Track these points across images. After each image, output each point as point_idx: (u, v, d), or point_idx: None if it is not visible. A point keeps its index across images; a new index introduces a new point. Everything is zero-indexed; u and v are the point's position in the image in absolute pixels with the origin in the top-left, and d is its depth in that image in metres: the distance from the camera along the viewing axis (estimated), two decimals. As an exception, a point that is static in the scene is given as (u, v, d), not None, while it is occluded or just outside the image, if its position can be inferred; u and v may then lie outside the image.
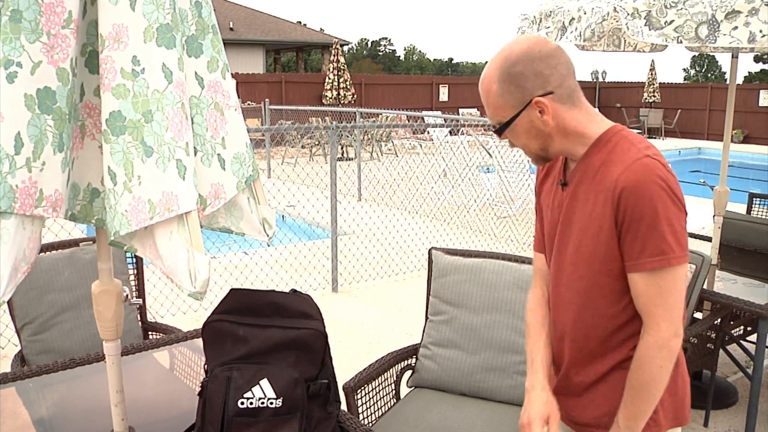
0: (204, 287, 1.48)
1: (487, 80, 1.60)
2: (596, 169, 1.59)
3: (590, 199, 1.60)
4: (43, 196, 1.45)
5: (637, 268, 1.53)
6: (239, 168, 1.72)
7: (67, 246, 3.14)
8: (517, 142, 1.64)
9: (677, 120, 23.88)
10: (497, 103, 1.59)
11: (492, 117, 1.62)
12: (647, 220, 1.50)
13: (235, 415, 1.58)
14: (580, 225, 1.62)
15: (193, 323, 5.31)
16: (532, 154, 1.66)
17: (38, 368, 2.33)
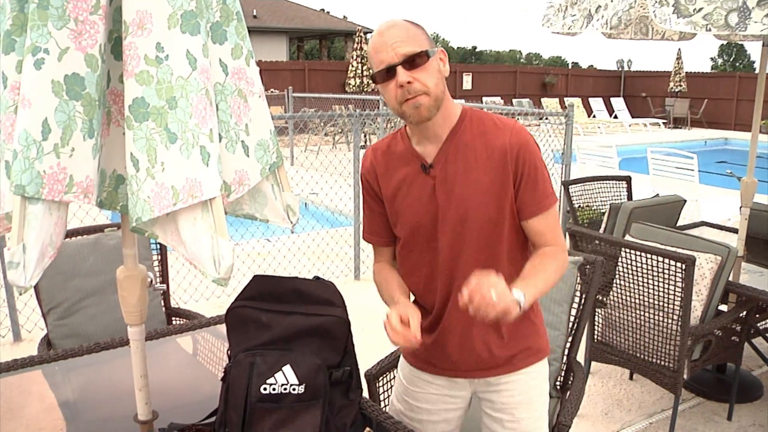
0: (228, 273, 1.48)
1: (401, 23, 1.74)
2: (473, 143, 1.79)
3: (479, 169, 1.78)
4: (74, 182, 1.46)
5: (541, 209, 1.80)
6: (263, 155, 1.72)
7: (92, 232, 3.17)
8: (428, 79, 1.71)
9: (704, 110, 23.57)
10: (420, 36, 1.73)
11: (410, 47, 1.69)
12: (539, 171, 1.79)
13: (258, 400, 1.58)
14: (475, 194, 1.78)
15: (216, 309, 5.35)
16: (431, 95, 1.72)
17: (64, 352, 2.36)
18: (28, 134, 1.39)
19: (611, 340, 3.56)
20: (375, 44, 1.74)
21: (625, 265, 3.35)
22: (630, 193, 5.40)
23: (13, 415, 2.02)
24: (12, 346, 4.77)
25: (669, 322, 3.20)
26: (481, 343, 1.91)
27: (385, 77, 1.73)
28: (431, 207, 1.83)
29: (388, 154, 1.92)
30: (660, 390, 3.98)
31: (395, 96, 1.74)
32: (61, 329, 2.99)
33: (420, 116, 1.74)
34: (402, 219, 1.90)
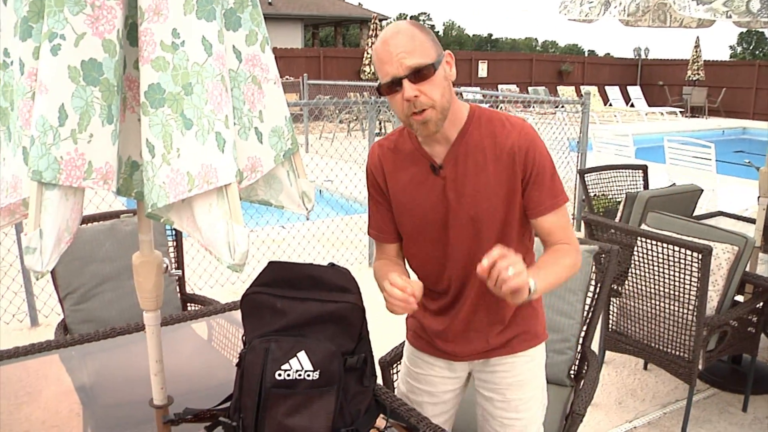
0: (243, 259, 1.48)
1: (406, 27, 1.70)
2: (482, 144, 1.79)
3: (488, 169, 1.79)
4: (93, 168, 1.46)
5: (550, 208, 1.81)
6: (277, 141, 1.72)
7: (108, 218, 3.19)
8: (433, 91, 1.69)
9: (722, 99, 23.33)
10: (426, 45, 1.69)
11: (416, 59, 1.67)
12: (548, 170, 1.80)
13: (273, 386, 1.59)
14: (485, 195, 1.80)
15: (230, 295, 5.37)
16: (438, 108, 1.71)
17: (80, 337, 2.38)
18: (45, 120, 1.39)
19: (626, 330, 3.55)
20: (380, 54, 1.71)
21: (640, 254, 3.33)
22: (646, 182, 5.36)
23: (31, 399, 2.04)
24: (29, 330, 4.82)
25: (684, 312, 3.18)
26: (485, 328, 1.99)
27: (391, 89, 1.72)
28: (441, 206, 1.86)
29: (395, 152, 1.92)
30: (674, 380, 3.97)
31: (402, 108, 1.73)
32: (77, 314, 3.01)
33: (428, 131, 1.75)
34: (409, 217, 1.92)
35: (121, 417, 1.97)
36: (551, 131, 9.47)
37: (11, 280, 5.42)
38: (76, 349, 2.34)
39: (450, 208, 1.85)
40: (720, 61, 25.32)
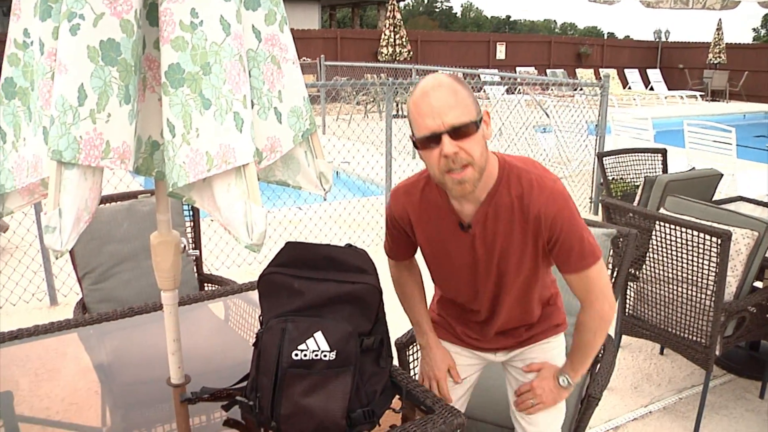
0: (261, 239, 1.49)
1: (448, 84, 1.66)
2: (510, 205, 1.78)
3: (516, 230, 1.80)
4: (110, 147, 1.47)
5: (576, 270, 1.83)
6: (296, 122, 1.71)
7: (125, 198, 3.20)
8: (474, 149, 1.66)
9: (743, 82, 23.02)
10: (467, 101, 1.66)
11: (458, 116, 1.63)
12: (574, 235, 1.78)
13: (289, 366, 1.59)
14: (513, 254, 1.84)
15: (247, 276, 5.40)
16: (477, 167, 1.68)
17: (99, 316, 2.40)
18: (65, 100, 1.40)
19: (643, 314, 3.53)
20: (420, 106, 1.66)
21: (659, 238, 3.31)
22: (665, 166, 5.31)
23: (50, 376, 2.06)
24: (49, 309, 4.87)
25: (702, 298, 3.16)
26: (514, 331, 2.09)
27: (428, 144, 1.67)
28: (469, 257, 1.89)
29: (423, 202, 1.90)
30: (691, 366, 3.95)
31: (438, 164, 1.68)
32: (95, 294, 3.03)
33: (464, 191, 1.71)
34: (438, 263, 1.99)
35: (139, 395, 1.99)
36: (569, 114, 9.41)
37: (31, 259, 5.48)
38: (94, 328, 2.36)
39: (478, 260, 1.88)
40: (743, 44, 24.94)
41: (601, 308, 1.87)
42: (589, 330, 1.92)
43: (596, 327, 1.91)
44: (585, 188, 8.50)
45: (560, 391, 2.01)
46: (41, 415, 1.86)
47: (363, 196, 8.10)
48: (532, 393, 2.02)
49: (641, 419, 3.42)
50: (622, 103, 19.28)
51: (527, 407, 2.03)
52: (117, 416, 1.89)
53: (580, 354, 1.98)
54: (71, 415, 1.86)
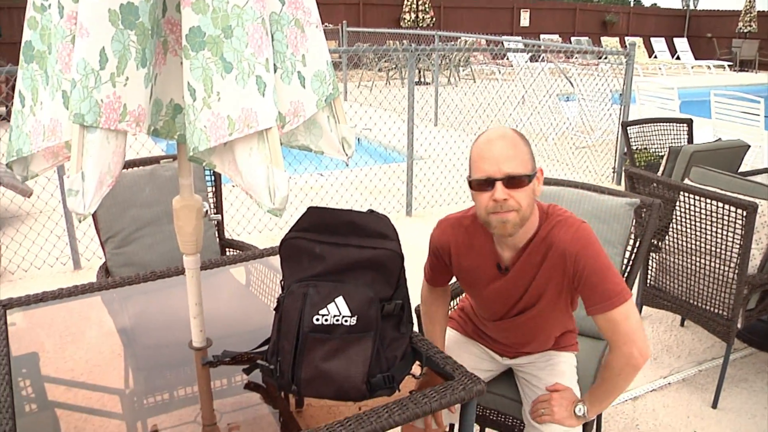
0: (283, 204, 1.49)
1: (512, 135, 1.83)
2: (544, 248, 1.92)
3: (543, 272, 1.94)
4: (127, 111, 1.47)
5: (599, 311, 1.87)
6: (319, 86, 1.70)
7: (148, 163, 3.21)
8: (523, 199, 1.82)
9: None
10: (525, 156, 1.82)
11: (514, 167, 1.79)
12: (598, 274, 1.86)
13: (310, 330, 1.60)
14: (543, 290, 1.96)
15: (268, 242, 5.42)
16: (520, 215, 1.83)
17: (121, 279, 2.42)
18: (87, 63, 1.40)
19: (664, 286, 3.51)
20: (482, 152, 1.82)
21: (682, 209, 3.27)
22: (691, 136, 5.24)
23: (74, 339, 2.09)
24: (72, 273, 4.93)
25: (725, 270, 3.13)
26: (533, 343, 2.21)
27: (482, 186, 1.82)
28: (501, 296, 2.05)
29: (467, 238, 2.05)
30: (711, 338, 3.93)
31: (486, 206, 1.83)
32: (118, 258, 3.06)
33: (505, 231, 1.85)
34: (471, 292, 2.17)
35: (161, 358, 2.01)
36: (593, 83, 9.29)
37: (54, 224, 5.54)
38: (117, 291, 2.38)
39: (510, 297, 2.04)
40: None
41: (629, 353, 1.87)
42: (613, 370, 1.94)
43: (621, 370, 1.91)
44: (608, 158, 8.42)
45: (573, 417, 2.02)
46: (66, 376, 1.89)
47: (384, 162, 8.09)
48: (548, 404, 2.04)
49: (660, 390, 3.42)
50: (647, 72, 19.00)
51: (538, 416, 2.06)
52: (139, 379, 1.91)
53: (601, 391, 2.00)
54: (95, 377, 1.88)
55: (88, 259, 5.10)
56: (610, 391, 1.98)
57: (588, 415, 2.01)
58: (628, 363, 1.88)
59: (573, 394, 2.10)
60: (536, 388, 2.17)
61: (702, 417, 3.19)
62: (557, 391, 2.08)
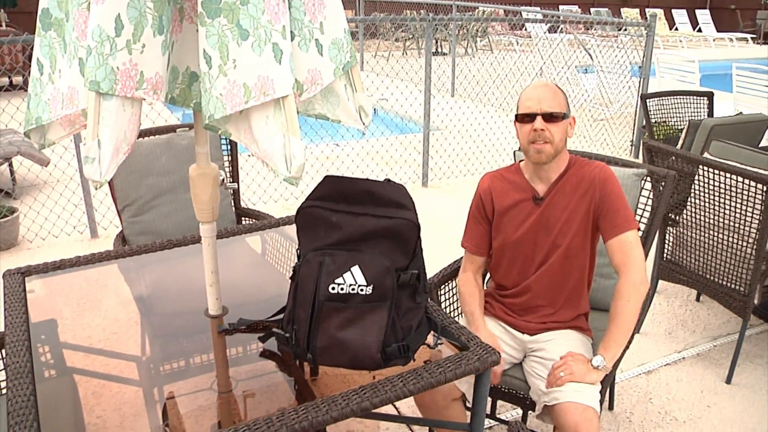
0: (299, 172, 1.48)
1: (552, 86, 2.22)
2: (573, 182, 2.24)
3: (572, 202, 2.22)
4: (144, 78, 1.46)
5: (618, 232, 2.15)
6: (337, 54, 1.69)
7: (164, 132, 3.21)
8: (557, 133, 2.17)
9: (800, 24, 22.11)
10: (562, 101, 2.20)
11: (552, 106, 2.16)
12: (620, 199, 2.18)
13: (326, 299, 1.60)
14: (569, 229, 2.23)
15: (284, 211, 5.44)
16: (554, 146, 2.18)
17: (138, 248, 2.43)
18: (102, 30, 1.39)
19: (681, 260, 3.49)
20: (528, 94, 2.21)
21: (701, 183, 3.24)
22: (711, 110, 5.17)
23: (92, 306, 2.11)
24: (89, 242, 4.96)
25: (744, 245, 3.11)
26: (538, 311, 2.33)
27: (525, 120, 2.19)
28: (535, 233, 2.27)
29: (504, 181, 2.35)
30: (727, 313, 3.91)
31: (527, 136, 2.19)
32: (135, 226, 3.08)
33: (540, 159, 2.20)
34: (502, 234, 2.33)
35: (177, 326, 2.02)
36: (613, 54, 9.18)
37: (72, 193, 5.57)
38: (134, 259, 2.40)
39: (539, 230, 2.26)
40: (801, -17, 23.89)
41: (635, 278, 2.11)
42: (623, 296, 2.11)
43: (630, 296, 2.10)
44: (626, 131, 8.35)
45: (592, 371, 2.08)
46: (84, 343, 1.91)
47: (401, 133, 8.06)
48: (565, 366, 2.09)
49: (674, 365, 3.41)
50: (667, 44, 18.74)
51: (557, 378, 2.08)
52: (156, 346, 1.92)
53: (613, 328, 2.12)
54: (112, 344, 1.90)
55: (104, 228, 5.14)
56: (622, 325, 2.10)
57: (606, 363, 2.08)
58: (635, 288, 2.10)
59: (585, 356, 2.15)
60: (551, 363, 2.17)
61: (716, 392, 3.18)
62: (572, 356, 2.13)
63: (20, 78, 10.13)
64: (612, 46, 9.54)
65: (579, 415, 1.97)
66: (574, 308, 2.33)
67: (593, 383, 2.06)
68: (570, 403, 2.00)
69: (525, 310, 2.34)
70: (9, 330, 1.86)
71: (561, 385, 2.05)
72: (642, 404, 3.08)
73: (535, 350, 2.28)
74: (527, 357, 2.31)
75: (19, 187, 6.01)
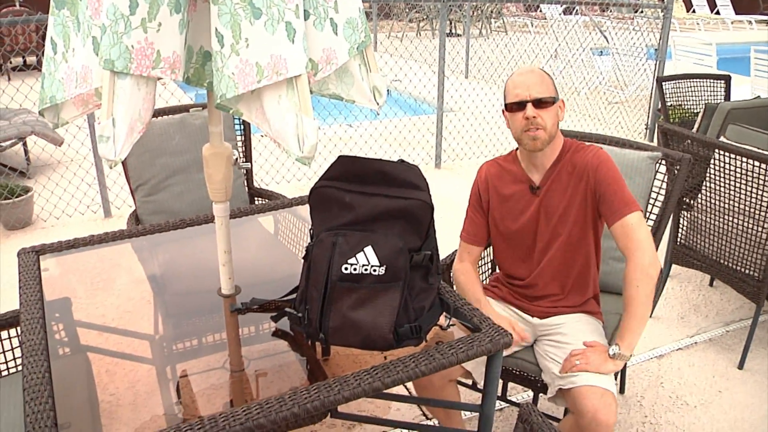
0: (312, 152, 1.48)
1: (539, 71, 2.18)
2: (567, 169, 2.20)
3: (569, 189, 2.19)
4: (161, 57, 1.46)
5: (618, 217, 2.10)
6: (351, 33, 1.67)
7: (177, 111, 3.21)
8: (547, 118, 2.13)
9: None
10: (549, 85, 2.16)
11: (541, 92, 2.13)
12: (617, 183, 2.13)
13: (339, 279, 1.60)
14: (569, 216, 2.20)
15: (295, 191, 5.44)
16: (547, 132, 2.14)
17: (151, 227, 2.44)
18: (116, 8, 1.38)
19: (695, 245, 3.47)
20: (515, 82, 2.16)
21: (717, 167, 3.21)
22: (728, 93, 5.12)
23: (105, 285, 2.12)
24: (103, 221, 4.99)
25: (759, 230, 3.08)
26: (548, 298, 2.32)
27: (515, 108, 2.15)
28: (533, 221, 2.25)
29: (501, 170, 2.33)
30: (740, 299, 3.89)
31: (520, 124, 2.15)
32: (148, 206, 3.09)
33: (535, 146, 2.16)
34: (503, 224, 2.31)
35: (190, 305, 2.03)
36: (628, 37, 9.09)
37: (85, 172, 5.59)
38: (147, 239, 2.40)
39: (539, 219, 2.24)
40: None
41: (642, 261, 2.05)
42: (631, 283, 2.06)
43: (638, 281, 2.05)
44: (641, 114, 8.28)
45: (608, 360, 2.06)
46: (97, 321, 1.92)
47: (414, 114, 8.03)
48: (582, 355, 2.08)
49: (686, 349, 3.40)
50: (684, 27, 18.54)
51: (572, 365, 2.07)
52: (169, 325, 1.93)
53: (627, 315, 2.08)
54: (125, 323, 1.91)
55: (118, 208, 5.16)
56: (635, 312, 2.06)
57: (623, 352, 2.06)
58: (643, 272, 2.05)
59: (604, 346, 2.14)
60: (565, 346, 2.17)
61: (727, 377, 3.17)
62: (591, 346, 2.12)
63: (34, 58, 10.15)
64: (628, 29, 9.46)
65: (598, 399, 1.95)
66: (583, 292, 2.31)
67: (609, 373, 2.04)
68: (588, 387, 1.98)
69: (534, 298, 2.33)
70: (24, 308, 1.87)
71: (575, 372, 2.04)
72: (653, 388, 3.08)
73: (547, 334, 2.28)
74: (539, 340, 2.30)
75: (33, 166, 6.03)
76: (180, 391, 1.63)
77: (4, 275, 4.09)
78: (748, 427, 2.83)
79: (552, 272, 2.27)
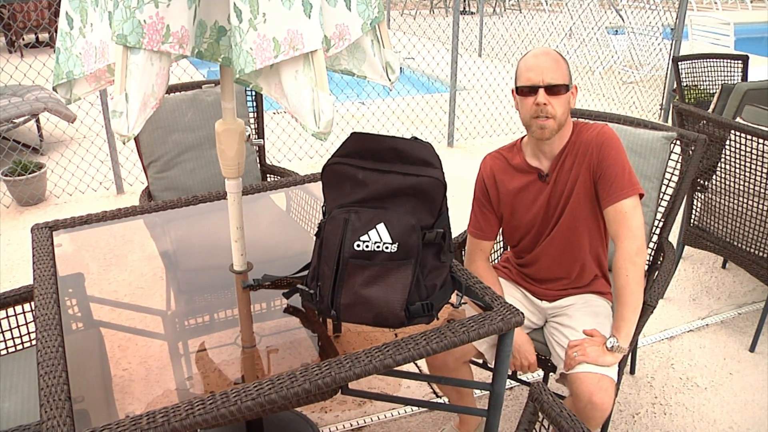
0: (328, 128, 1.47)
1: (554, 53, 2.08)
2: (573, 152, 2.14)
3: (573, 169, 2.14)
4: (170, 32, 1.45)
5: (614, 201, 2.06)
6: (365, 9, 1.66)
7: (190, 88, 3.20)
8: (558, 106, 2.05)
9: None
10: (564, 71, 2.06)
11: (555, 78, 2.03)
12: (618, 164, 2.07)
13: (351, 256, 1.60)
14: (576, 201, 2.15)
15: (308, 169, 5.44)
16: (557, 121, 2.06)
17: (164, 203, 2.44)
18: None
19: (708, 226, 3.45)
20: (528, 64, 2.07)
21: (732, 149, 3.18)
22: (745, 74, 5.06)
23: (118, 261, 2.13)
24: (115, 197, 5.01)
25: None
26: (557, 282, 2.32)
27: (527, 93, 2.06)
28: (543, 208, 2.21)
29: (505, 162, 2.27)
30: (753, 281, 3.87)
31: (530, 110, 2.07)
32: (160, 182, 3.09)
33: (543, 135, 2.09)
34: (516, 217, 2.27)
35: (203, 281, 2.04)
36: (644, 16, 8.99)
37: (98, 149, 5.61)
38: (159, 215, 2.41)
39: (549, 207, 2.20)
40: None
41: (629, 248, 2.04)
42: (620, 272, 2.05)
43: (626, 268, 2.04)
44: (656, 94, 8.21)
45: (607, 353, 2.03)
46: (110, 297, 1.93)
47: (427, 92, 8.00)
48: (580, 348, 2.06)
49: (697, 331, 3.39)
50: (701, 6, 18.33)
51: (571, 359, 2.06)
52: (181, 301, 1.94)
53: (619, 305, 2.07)
54: (138, 299, 1.92)
55: (130, 184, 5.18)
56: (626, 301, 2.05)
57: (621, 344, 2.03)
58: (630, 260, 2.03)
59: (603, 336, 2.12)
60: (573, 330, 2.17)
61: (738, 360, 3.17)
62: (590, 336, 2.11)
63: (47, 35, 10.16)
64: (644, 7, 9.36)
65: (594, 384, 1.97)
66: (590, 272, 2.30)
67: (608, 365, 2.02)
68: (585, 372, 2.00)
69: (541, 280, 2.33)
70: (38, 283, 1.88)
71: (574, 366, 2.04)
72: (664, 369, 3.08)
73: (555, 316, 2.29)
74: (548, 323, 2.31)
75: (46, 143, 6.06)
76: (192, 366, 1.64)
77: (18, 251, 4.12)
78: (758, 409, 2.83)
79: (558, 254, 2.26)
